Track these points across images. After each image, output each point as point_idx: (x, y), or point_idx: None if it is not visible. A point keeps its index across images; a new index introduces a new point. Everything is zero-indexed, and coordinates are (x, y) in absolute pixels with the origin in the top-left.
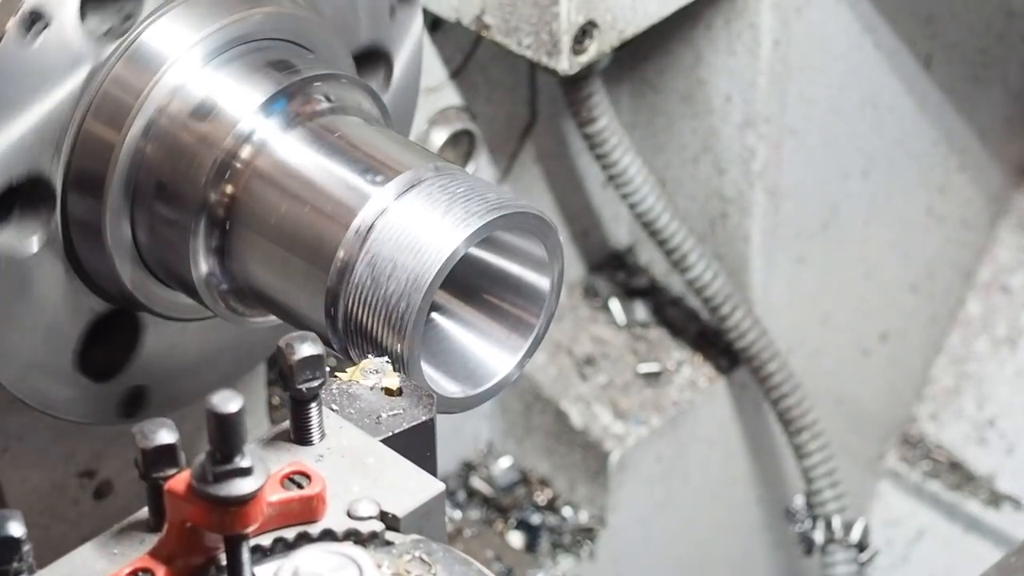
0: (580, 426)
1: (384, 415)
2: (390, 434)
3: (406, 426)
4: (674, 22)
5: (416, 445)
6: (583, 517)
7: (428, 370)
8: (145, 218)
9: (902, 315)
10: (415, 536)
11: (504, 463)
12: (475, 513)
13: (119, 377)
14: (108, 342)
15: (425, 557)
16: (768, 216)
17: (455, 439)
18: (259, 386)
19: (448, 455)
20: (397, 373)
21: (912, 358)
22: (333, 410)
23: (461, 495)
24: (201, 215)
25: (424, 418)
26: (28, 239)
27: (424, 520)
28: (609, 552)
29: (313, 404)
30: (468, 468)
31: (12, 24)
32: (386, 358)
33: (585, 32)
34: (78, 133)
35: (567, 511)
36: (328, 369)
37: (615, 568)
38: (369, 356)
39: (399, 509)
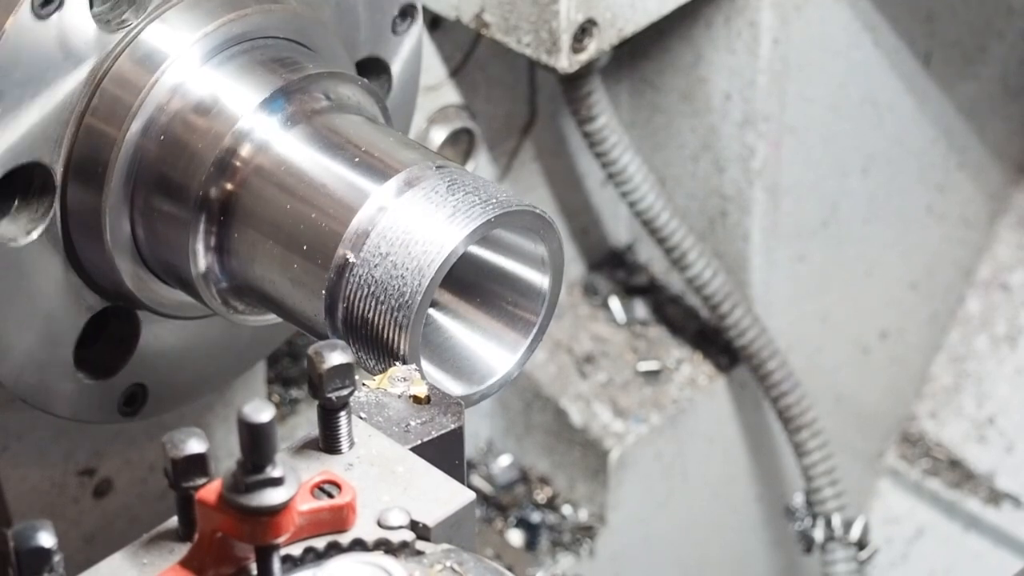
0: (580, 424)
1: (413, 423)
2: (419, 442)
3: (435, 434)
4: (674, 20)
5: (445, 453)
6: (583, 515)
7: (428, 368)
8: (144, 216)
9: (902, 313)
10: (446, 545)
11: (504, 461)
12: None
13: (119, 375)
14: (107, 339)
15: (456, 567)
16: (768, 214)
17: None
18: (259, 384)
19: None
20: (426, 382)
21: (912, 356)
22: (362, 418)
23: None
24: (200, 213)
25: (453, 426)
26: (27, 232)
27: (455, 529)
28: (609, 550)
29: (342, 413)
30: (468, 466)
31: (26, 2)
32: (388, 359)
33: (584, 30)
34: (78, 130)
35: (567, 509)
36: (357, 378)
37: (615, 566)
38: (369, 355)
39: (429, 518)
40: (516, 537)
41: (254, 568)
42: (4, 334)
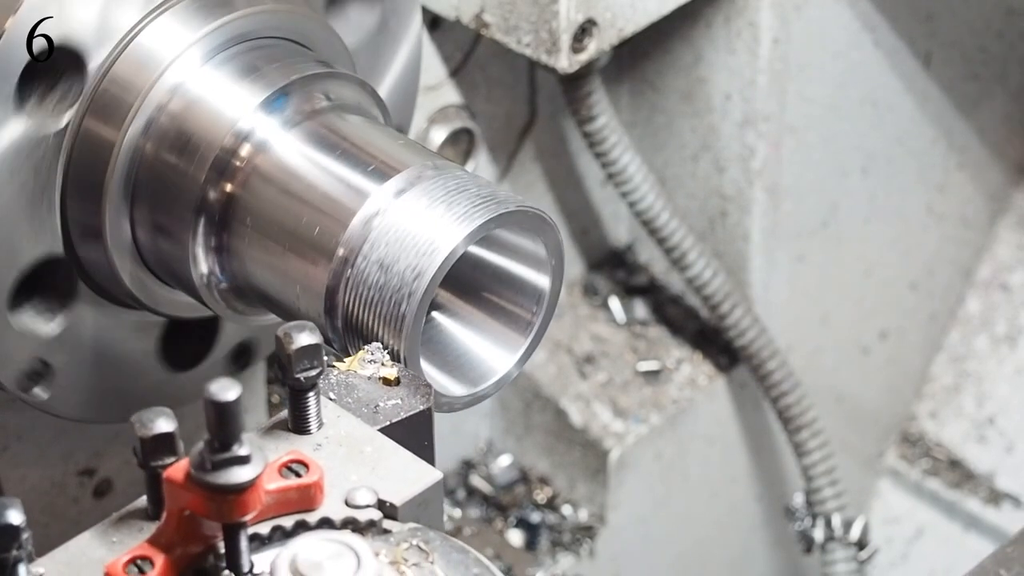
0: (580, 424)
1: (382, 404)
2: (388, 423)
3: (404, 415)
4: (673, 20)
5: (414, 434)
6: (583, 515)
7: (427, 368)
8: (144, 217)
9: (902, 313)
10: (413, 524)
11: (504, 461)
12: (475, 511)
13: (212, 356)
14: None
15: (423, 545)
16: (767, 214)
17: (455, 437)
18: (259, 384)
19: (448, 453)
20: (395, 364)
21: (912, 356)
22: (331, 399)
23: (461, 493)
24: (200, 213)
25: (421, 407)
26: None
27: (422, 509)
28: (609, 550)
29: (311, 393)
30: (468, 466)
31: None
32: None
33: (584, 30)
34: (78, 130)
35: (567, 509)
36: (326, 359)
37: (615, 566)
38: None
39: (397, 498)
40: (516, 537)
41: (222, 546)
42: (72, 388)
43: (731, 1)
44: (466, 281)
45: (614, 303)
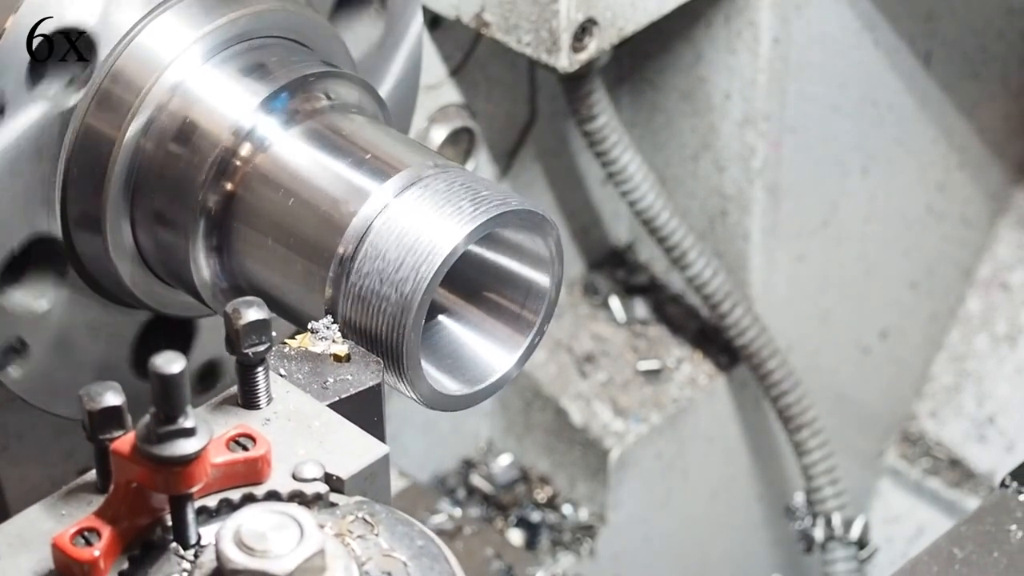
0: (580, 424)
1: (331, 380)
2: (337, 399)
3: (353, 391)
4: (674, 20)
5: (364, 410)
6: (583, 515)
7: (428, 367)
8: (145, 216)
9: (902, 312)
10: (359, 498)
11: (504, 461)
12: (475, 511)
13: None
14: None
15: (368, 518)
16: (768, 214)
17: (455, 437)
18: None
19: (448, 453)
20: (346, 340)
21: (912, 355)
22: (281, 375)
23: (461, 492)
24: (201, 213)
25: (371, 383)
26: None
27: (368, 482)
28: (609, 549)
29: (260, 368)
30: (468, 466)
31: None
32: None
33: (585, 30)
34: (78, 130)
35: (567, 509)
36: (275, 334)
37: (615, 565)
38: (369, 353)
39: (343, 471)
40: (516, 536)
41: (169, 518)
42: (43, 374)
43: (731, 1)
44: (466, 280)
45: (614, 302)
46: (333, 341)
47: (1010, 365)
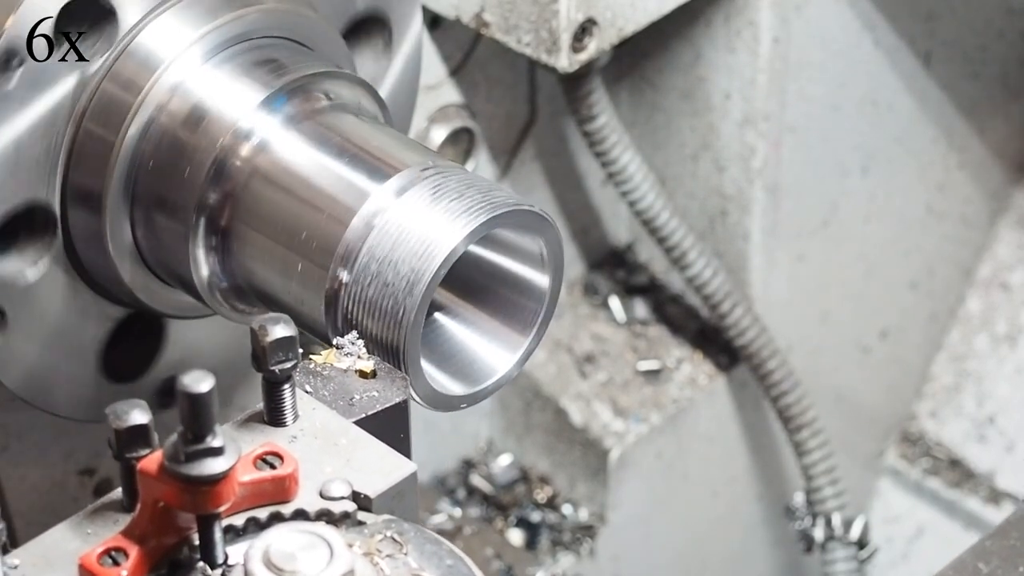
0: (580, 424)
1: (358, 397)
2: (363, 415)
3: (379, 408)
4: (673, 19)
5: (390, 427)
6: (583, 515)
7: (428, 367)
8: (145, 217)
9: (902, 312)
10: (387, 516)
11: (504, 461)
12: (475, 511)
13: (146, 377)
14: (131, 343)
15: (397, 537)
16: (768, 214)
17: (455, 437)
18: (259, 383)
19: (448, 453)
20: (372, 356)
21: (912, 355)
22: (307, 392)
23: (461, 493)
24: (201, 213)
25: (397, 400)
26: (34, 262)
27: (396, 500)
28: (609, 550)
29: (286, 385)
30: (468, 466)
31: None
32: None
33: (584, 30)
34: (77, 131)
35: (567, 509)
36: (302, 351)
37: (615, 566)
38: (369, 353)
39: (371, 489)
40: (516, 536)
41: (196, 537)
42: (17, 350)
43: (731, 0)
44: (466, 280)
45: (614, 302)
46: (358, 357)
47: (1010, 365)
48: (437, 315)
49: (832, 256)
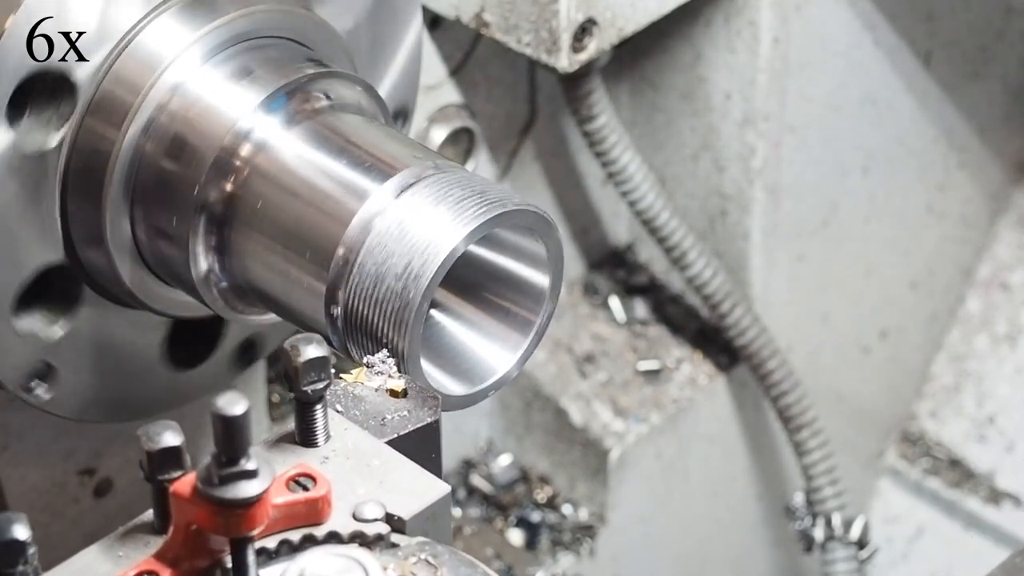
0: (580, 424)
1: (389, 417)
2: (395, 436)
3: (411, 428)
4: (673, 19)
5: (421, 447)
6: (583, 515)
7: (428, 368)
8: (145, 216)
9: (902, 312)
10: (421, 538)
11: (504, 461)
12: (475, 511)
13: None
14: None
15: (431, 559)
16: (768, 214)
17: (455, 437)
18: (259, 383)
19: (448, 453)
20: (403, 375)
21: (912, 355)
22: (338, 411)
23: (461, 493)
24: (200, 213)
25: (429, 420)
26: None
27: (430, 522)
28: (609, 550)
29: (318, 406)
30: (468, 466)
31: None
32: (386, 353)
33: (584, 30)
34: (78, 130)
35: (567, 509)
36: (333, 371)
37: (615, 565)
38: (369, 354)
39: (405, 511)
40: (516, 536)
41: (229, 560)
42: (73, 390)
43: (731, 0)
44: (466, 281)
45: (614, 302)
46: (389, 376)
47: (1010, 365)
48: (437, 315)
49: (832, 256)
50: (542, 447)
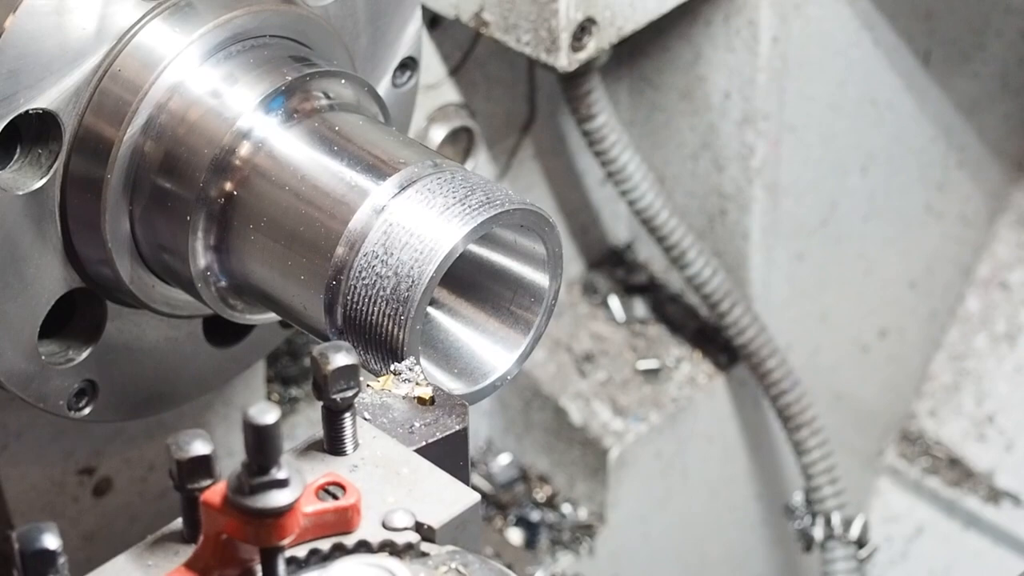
0: (579, 423)
1: (417, 424)
2: (424, 444)
3: (439, 436)
4: (673, 19)
5: (449, 454)
6: (582, 514)
7: (427, 367)
8: (144, 215)
9: (901, 311)
10: (451, 547)
11: (503, 460)
12: None
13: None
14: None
15: (461, 568)
16: (767, 213)
17: None
18: (258, 383)
19: None
20: (430, 383)
21: (911, 354)
22: (366, 419)
23: None
24: (200, 212)
25: (457, 427)
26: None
27: (460, 531)
28: (608, 549)
29: (347, 414)
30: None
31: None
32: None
33: (584, 29)
34: (78, 129)
35: (566, 508)
36: (361, 379)
37: (614, 565)
38: (368, 353)
39: (434, 520)
40: (515, 536)
41: (259, 570)
42: (121, 394)
43: (731, 0)
44: (466, 280)
45: (613, 302)
46: (417, 384)
47: (1009, 364)
48: (436, 314)
49: (831, 255)
50: (541, 446)
